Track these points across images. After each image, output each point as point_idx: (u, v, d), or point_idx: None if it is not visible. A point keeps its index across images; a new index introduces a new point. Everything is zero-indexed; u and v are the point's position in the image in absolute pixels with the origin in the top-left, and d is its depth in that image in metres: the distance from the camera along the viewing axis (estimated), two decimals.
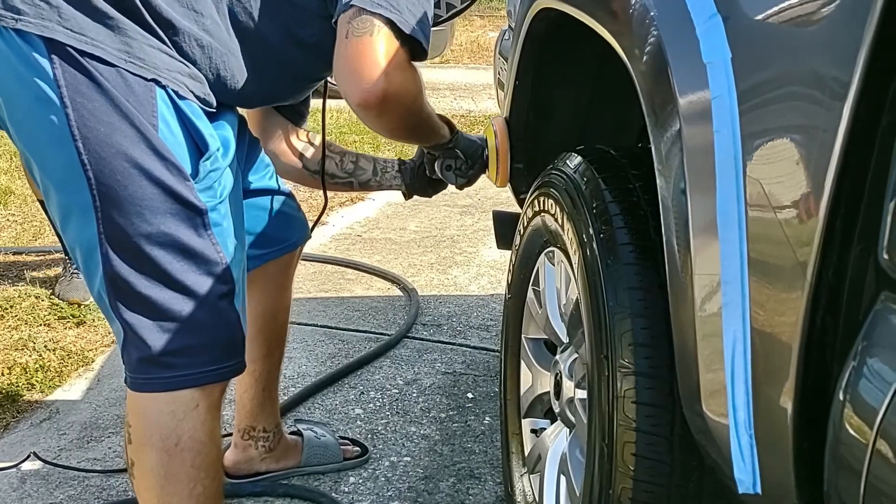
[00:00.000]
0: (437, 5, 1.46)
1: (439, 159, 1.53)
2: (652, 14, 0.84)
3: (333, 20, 1.12)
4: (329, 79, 1.32)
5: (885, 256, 0.59)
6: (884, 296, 0.60)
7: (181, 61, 1.07)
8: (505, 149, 1.50)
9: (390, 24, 1.09)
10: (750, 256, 0.71)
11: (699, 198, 0.76)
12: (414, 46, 1.13)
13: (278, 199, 1.45)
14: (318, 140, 1.53)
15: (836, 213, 0.62)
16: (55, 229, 1.17)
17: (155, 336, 1.08)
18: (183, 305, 1.08)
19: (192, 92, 1.09)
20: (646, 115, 0.86)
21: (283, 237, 1.46)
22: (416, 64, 1.18)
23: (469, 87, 6.34)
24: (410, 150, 1.85)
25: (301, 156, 1.52)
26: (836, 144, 0.60)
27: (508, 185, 1.61)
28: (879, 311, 0.60)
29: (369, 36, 1.08)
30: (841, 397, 0.61)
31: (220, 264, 1.10)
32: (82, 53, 0.99)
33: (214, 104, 1.15)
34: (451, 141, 1.44)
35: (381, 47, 1.09)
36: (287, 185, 1.49)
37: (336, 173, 1.57)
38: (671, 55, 0.79)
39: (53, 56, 0.99)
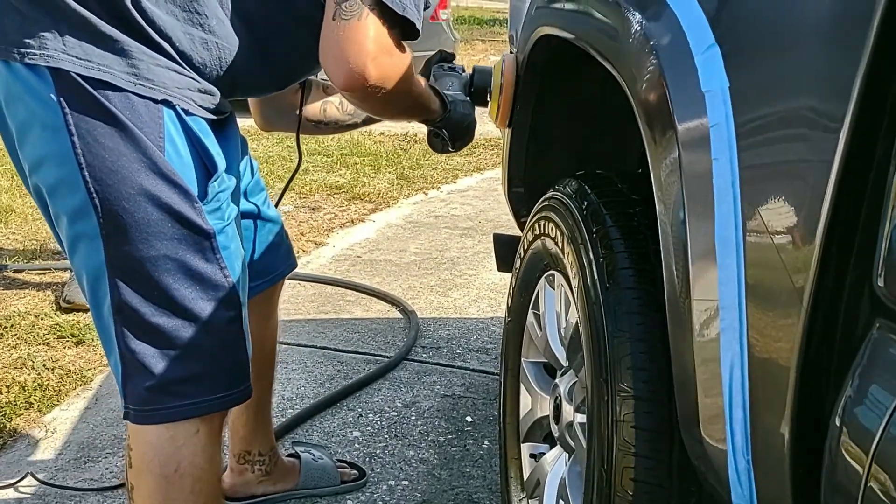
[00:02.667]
0: None
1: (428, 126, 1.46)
2: (651, 43, 0.86)
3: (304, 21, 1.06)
4: None
5: (880, 284, 0.60)
6: (879, 323, 0.61)
7: (190, 76, 1.05)
8: (509, 92, 1.42)
9: (380, 5, 1.02)
10: (748, 282, 0.71)
11: (698, 224, 0.76)
12: (406, 26, 1.07)
13: (268, 227, 1.41)
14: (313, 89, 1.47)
15: (832, 241, 0.63)
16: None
17: (162, 365, 1.06)
18: (191, 332, 1.06)
19: (201, 106, 1.07)
20: (645, 141, 0.87)
21: (269, 269, 1.43)
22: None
23: None
24: None
25: (302, 103, 1.45)
26: (832, 173, 0.61)
27: (506, 185, 1.58)
28: (875, 338, 0.61)
29: (357, 20, 1.02)
30: (837, 423, 0.62)
31: (228, 288, 1.08)
32: (88, 80, 0.98)
33: (227, 110, 1.14)
34: (441, 119, 1.37)
35: (369, 32, 1.02)
36: (277, 211, 1.46)
37: (339, 118, 1.50)
38: (670, 83, 0.80)
39: (59, 84, 0.98)
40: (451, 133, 1.40)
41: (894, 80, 0.60)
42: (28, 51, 0.98)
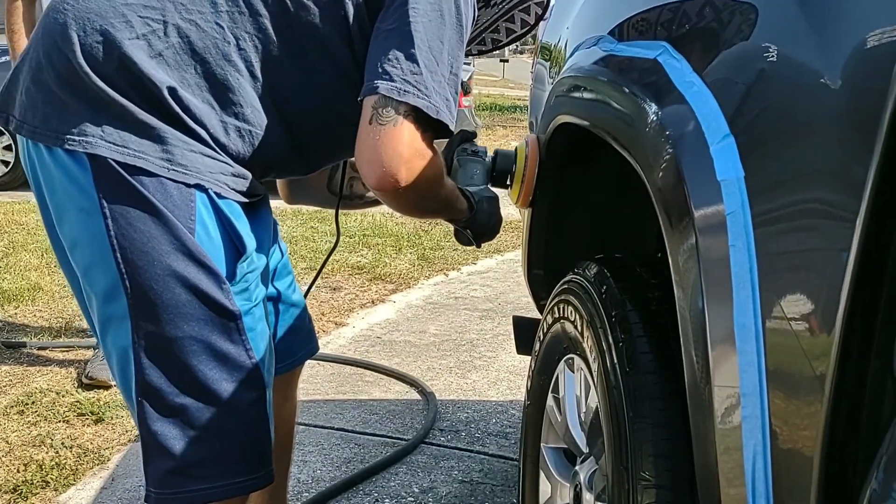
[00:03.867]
0: (483, 41, 1.45)
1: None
2: (668, 133, 0.88)
3: (359, 97, 1.08)
4: None
5: None
6: None
7: (224, 160, 1.08)
8: (532, 172, 1.44)
9: (416, 111, 1.05)
10: (769, 369, 0.71)
11: (716, 309, 0.77)
12: (439, 127, 1.10)
13: (291, 311, 1.42)
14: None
15: (852, 329, 0.62)
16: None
17: (184, 447, 1.06)
18: (214, 414, 1.06)
19: (234, 189, 1.09)
20: (662, 227, 0.88)
21: (290, 352, 1.43)
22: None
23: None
24: None
25: (330, 178, 1.48)
26: (850, 262, 0.62)
27: (526, 267, 1.58)
28: None
29: (393, 126, 1.05)
30: None
31: (252, 370, 1.09)
32: (123, 165, 1.01)
33: (261, 192, 1.16)
34: (467, 219, 1.39)
35: (404, 138, 1.05)
36: (300, 295, 1.45)
37: (363, 193, 1.51)
38: (686, 172, 0.82)
39: (95, 169, 1.01)
40: (475, 232, 1.44)
41: None
42: (69, 136, 1.02)
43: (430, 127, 1.09)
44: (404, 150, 1.06)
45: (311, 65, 1.11)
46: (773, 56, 0.79)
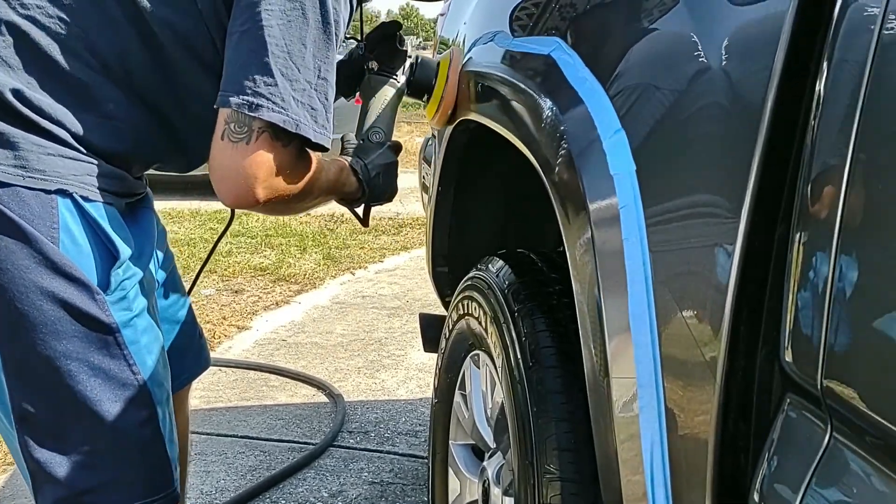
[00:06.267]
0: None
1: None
2: (562, 128, 0.89)
3: (214, 104, 0.99)
4: None
5: (788, 359, 0.61)
6: (789, 398, 0.62)
7: (90, 161, 0.99)
8: (452, 92, 1.30)
9: (273, 126, 0.96)
10: (663, 359, 0.72)
11: (612, 302, 0.78)
12: (306, 140, 1.01)
13: (180, 329, 1.32)
14: None
15: (740, 317, 0.64)
16: None
17: (71, 474, 0.98)
18: (100, 437, 0.99)
19: (105, 191, 1.01)
20: (560, 222, 0.89)
21: (179, 372, 1.31)
22: None
23: None
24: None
25: None
26: (736, 253, 0.63)
27: (430, 264, 1.54)
28: (786, 414, 0.62)
29: (246, 144, 0.96)
30: (756, 499, 0.62)
31: (138, 387, 1.01)
32: None
33: (140, 191, 1.09)
34: (358, 200, 1.29)
35: (257, 157, 0.97)
36: (190, 314, 1.36)
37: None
38: (581, 167, 0.83)
39: None
40: (366, 209, 1.35)
41: (790, 162, 0.63)
42: None
43: (290, 142, 1.00)
44: (258, 171, 0.98)
45: (172, 58, 1.03)
46: (661, 50, 0.81)
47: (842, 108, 0.57)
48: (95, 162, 1.01)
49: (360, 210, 1.34)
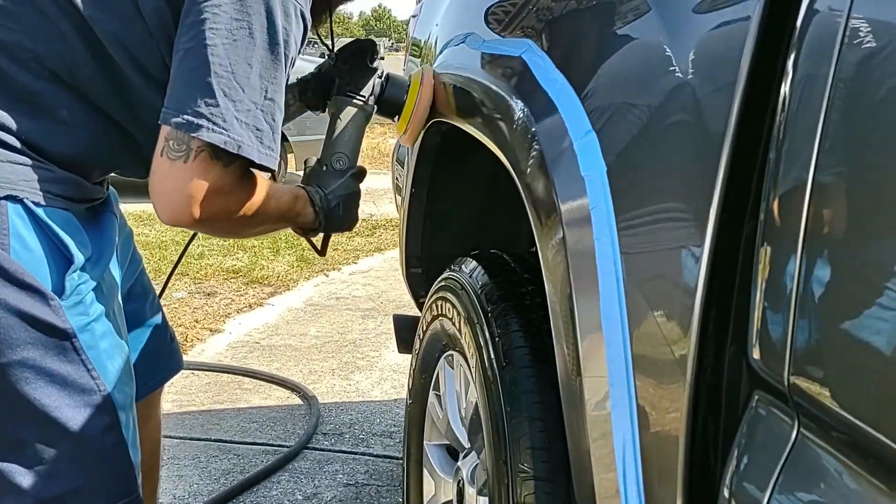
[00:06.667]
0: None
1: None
2: (534, 130, 0.89)
3: (158, 119, 0.98)
4: None
5: (756, 357, 0.63)
6: (757, 395, 0.64)
7: (43, 166, 0.98)
8: (423, 111, 1.29)
9: (211, 146, 0.95)
10: (634, 357, 0.73)
11: (584, 302, 0.78)
12: (251, 161, 0.99)
13: (150, 332, 1.31)
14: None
15: (709, 316, 0.65)
16: None
17: (35, 483, 0.97)
18: (61, 445, 0.97)
19: (60, 196, 0.99)
20: (532, 223, 0.90)
21: (149, 376, 1.31)
22: None
23: (371, 191, 6.43)
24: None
25: None
26: (705, 253, 0.64)
27: (404, 265, 1.54)
28: (754, 411, 0.63)
29: (184, 163, 0.95)
30: (726, 495, 0.63)
31: (98, 392, 1.00)
32: None
33: (99, 196, 1.07)
34: (315, 229, 1.26)
35: (195, 177, 0.96)
36: (161, 317, 1.34)
37: None
38: (552, 168, 0.83)
39: None
40: (325, 239, 1.33)
41: (757, 164, 0.64)
42: None
43: (232, 162, 0.98)
44: (194, 190, 0.96)
45: (121, 72, 1.02)
46: (631, 52, 0.82)
47: (807, 110, 0.58)
48: (49, 167, 0.99)
49: (318, 238, 1.31)
